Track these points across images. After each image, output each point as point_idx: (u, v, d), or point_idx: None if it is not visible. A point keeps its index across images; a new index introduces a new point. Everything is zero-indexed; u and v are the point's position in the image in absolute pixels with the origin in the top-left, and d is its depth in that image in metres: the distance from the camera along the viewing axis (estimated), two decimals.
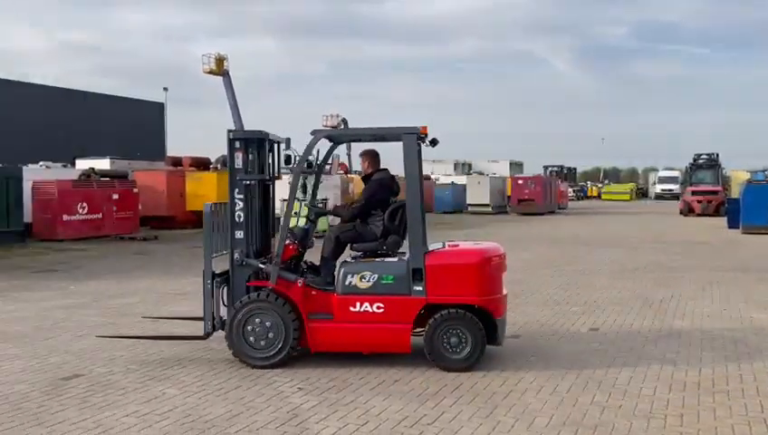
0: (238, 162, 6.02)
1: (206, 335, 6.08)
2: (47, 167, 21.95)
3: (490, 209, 33.27)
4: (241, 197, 6.00)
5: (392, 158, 6.60)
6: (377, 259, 5.94)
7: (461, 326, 5.65)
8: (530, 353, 6.29)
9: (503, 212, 34.35)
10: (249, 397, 5.04)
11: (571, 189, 53.42)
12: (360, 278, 5.74)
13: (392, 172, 6.60)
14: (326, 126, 51.02)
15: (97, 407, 4.81)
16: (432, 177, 42.47)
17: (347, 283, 5.76)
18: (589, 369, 5.77)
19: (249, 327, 5.75)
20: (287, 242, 6.01)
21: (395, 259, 5.90)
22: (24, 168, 18.95)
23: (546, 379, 5.49)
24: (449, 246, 6.22)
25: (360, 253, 6.04)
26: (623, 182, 74.02)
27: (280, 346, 5.72)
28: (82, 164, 24.46)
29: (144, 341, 6.52)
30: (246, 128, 34.85)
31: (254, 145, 6.11)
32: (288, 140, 6.10)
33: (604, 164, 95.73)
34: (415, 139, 5.90)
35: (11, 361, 6.03)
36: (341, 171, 33.89)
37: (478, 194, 33.70)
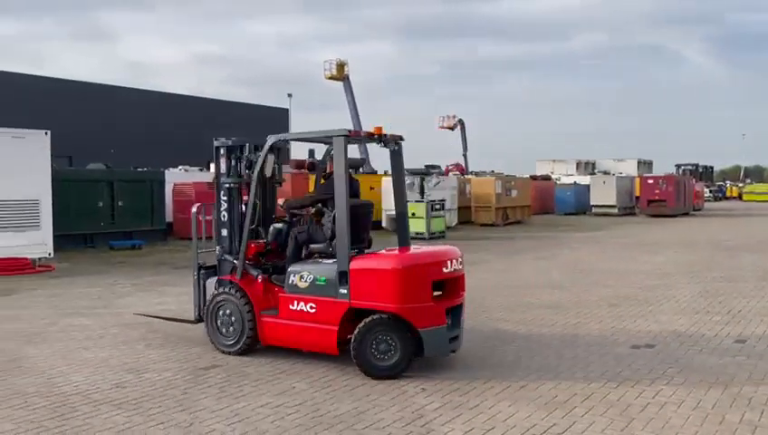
0: (222, 168, 6.60)
1: (196, 321, 6.73)
2: (185, 170, 23.67)
3: (616, 211, 31.65)
4: (225, 198, 6.57)
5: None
6: (321, 261, 5.98)
7: (391, 333, 5.46)
8: (666, 365, 5.88)
9: (630, 214, 32.56)
10: (374, 395, 5.11)
11: (707, 189, 49.69)
12: (300, 278, 5.89)
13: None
14: (443, 127, 50.98)
15: (233, 397, 5.08)
16: (552, 177, 41.20)
17: (290, 282, 5.95)
18: (736, 384, 5.30)
19: (219, 316, 6.31)
20: (251, 240, 6.38)
21: (331, 262, 5.84)
22: (166, 171, 20.53)
23: (687, 393, 5.11)
24: (386, 250, 6.20)
25: (315, 253, 6.13)
26: (767, 181, 67.69)
27: (238, 336, 6.16)
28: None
29: None
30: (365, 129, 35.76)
31: (236, 151, 6.57)
32: (256, 147, 6.53)
33: (745, 162, 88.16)
34: (343, 141, 5.81)
35: (157, 350, 6.53)
36: (457, 172, 33.71)
37: (603, 194, 32.16)
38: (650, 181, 32.13)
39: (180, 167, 24.80)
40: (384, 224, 22.44)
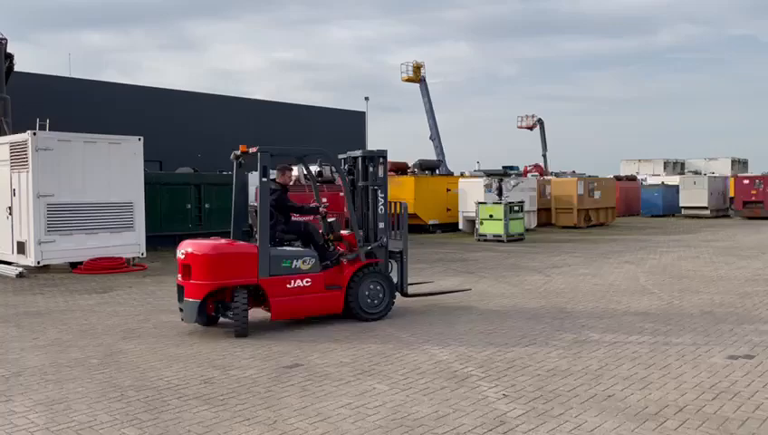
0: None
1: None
2: None
3: (708, 213, 30.03)
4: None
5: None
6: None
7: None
8: (767, 377, 5.50)
9: (724, 216, 30.82)
10: (454, 399, 5.05)
11: None
12: None
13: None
14: (522, 127, 50.07)
15: (315, 396, 5.16)
16: (638, 177, 39.58)
17: None
18: None
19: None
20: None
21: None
22: (249, 175, 21.16)
23: None
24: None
25: None
26: None
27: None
28: (296, 170, 26.69)
29: (351, 336, 7.08)
30: (440, 131, 35.51)
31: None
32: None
33: None
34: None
35: (242, 347, 6.73)
36: (536, 173, 32.96)
37: (694, 195, 30.58)
38: (746, 181, 30.28)
39: None
40: (461, 226, 22.28)
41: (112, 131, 15.70)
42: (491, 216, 19.29)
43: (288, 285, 7.45)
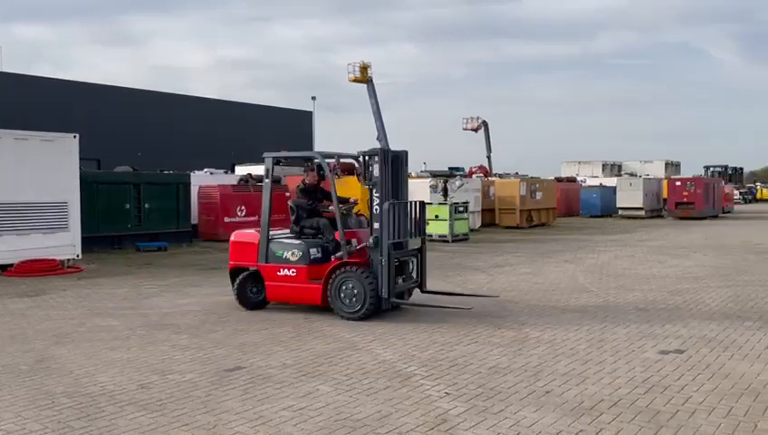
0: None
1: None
2: (210, 173, 23.87)
3: (643, 213, 31.16)
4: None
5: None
6: None
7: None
8: (696, 371, 5.75)
9: (658, 216, 32.07)
10: (397, 399, 5.07)
11: (736, 191, 48.70)
12: None
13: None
14: (467, 129, 50.77)
15: (257, 399, 5.09)
16: (578, 179, 40.73)
17: None
18: None
19: None
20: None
21: None
22: (192, 174, 20.75)
23: (718, 399, 4.99)
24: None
25: None
26: None
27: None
28: (241, 170, 26.32)
29: (296, 337, 7.03)
30: (387, 132, 35.63)
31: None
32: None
33: None
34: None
35: (182, 351, 6.58)
36: (481, 174, 33.49)
37: (630, 197, 31.68)
38: (678, 183, 31.58)
39: (206, 169, 25.03)
40: None
41: (46, 128, 15.09)
42: (436, 216, 19.47)
43: (278, 273, 8.36)
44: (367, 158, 8.08)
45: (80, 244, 13.22)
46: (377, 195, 7.95)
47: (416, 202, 8.57)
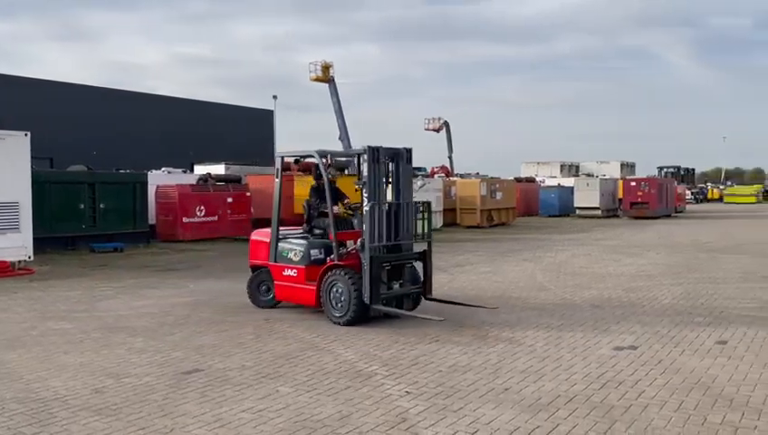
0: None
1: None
2: (169, 172, 23.45)
3: (599, 213, 31.87)
4: None
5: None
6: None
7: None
8: (649, 366, 5.92)
9: (614, 216, 32.83)
10: (358, 398, 5.08)
11: (688, 192, 50.22)
12: None
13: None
14: (428, 129, 51.06)
15: (215, 401, 5.03)
16: (537, 179, 41.42)
17: None
18: (717, 385, 5.34)
19: None
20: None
21: None
22: (149, 173, 20.35)
23: (669, 394, 5.14)
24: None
25: None
26: (748, 183, 68.52)
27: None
28: (200, 169, 25.92)
29: (255, 339, 6.95)
30: (349, 132, 35.60)
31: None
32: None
33: (726, 164, 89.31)
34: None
35: (138, 354, 6.45)
36: (443, 174, 33.75)
37: (587, 197, 32.36)
38: (633, 184, 32.40)
39: (164, 169, 24.58)
40: None
41: None
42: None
43: (283, 273, 8.28)
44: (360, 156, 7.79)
45: (31, 245, 12.80)
46: (365, 195, 7.50)
47: (421, 203, 8.19)
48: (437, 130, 49.94)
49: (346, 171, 25.95)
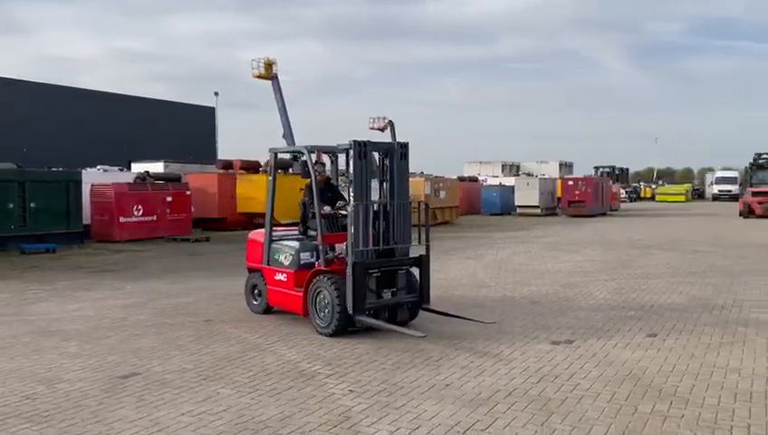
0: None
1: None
2: (104, 170, 22.70)
3: (539, 211, 32.71)
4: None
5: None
6: None
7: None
8: (584, 359, 6.12)
9: (552, 214, 33.74)
10: (301, 398, 5.06)
11: (623, 191, 52.09)
12: None
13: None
14: (373, 128, 51.19)
15: (153, 405, 4.91)
16: (479, 178, 42.13)
17: None
18: (648, 376, 5.58)
19: None
20: None
21: None
22: (83, 171, 19.64)
23: (603, 386, 5.33)
24: None
25: None
26: (678, 183, 71.68)
27: None
28: (138, 167, 25.20)
29: (196, 341, 6.80)
30: (294, 130, 35.30)
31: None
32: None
33: (658, 164, 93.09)
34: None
35: (72, 359, 6.22)
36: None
37: (527, 196, 33.16)
38: (570, 183, 33.39)
39: (99, 167, 23.76)
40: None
41: None
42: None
43: (275, 277, 7.83)
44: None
45: None
46: (352, 195, 6.85)
47: (418, 203, 7.57)
48: (382, 130, 49.97)
49: (290, 170, 25.75)
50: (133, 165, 26.55)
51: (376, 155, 7.40)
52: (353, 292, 6.67)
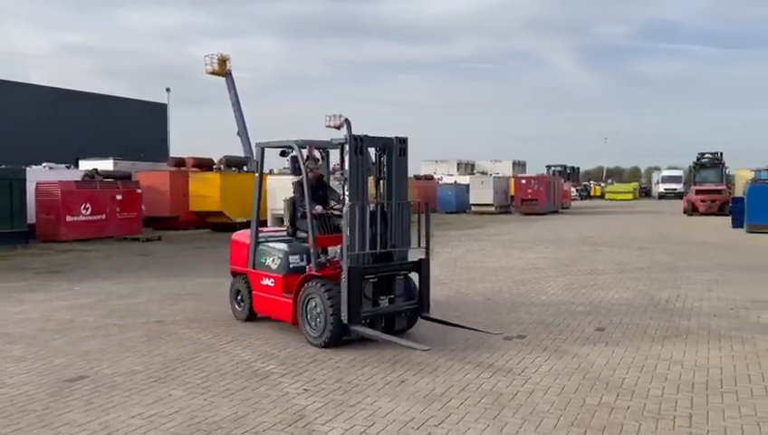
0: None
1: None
2: (50, 168, 21.93)
3: (493, 209, 33.21)
4: None
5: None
6: None
7: None
8: (535, 354, 6.26)
9: (506, 212, 34.30)
10: (255, 398, 5.02)
11: (574, 189, 53.34)
12: None
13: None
14: (329, 126, 51.09)
15: (102, 409, 4.80)
16: (435, 176, 42.48)
17: None
18: (596, 369, 5.74)
19: None
20: None
21: None
22: (28, 169, 18.96)
23: (553, 380, 5.46)
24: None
25: None
26: (626, 181, 73.79)
27: None
28: (86, 165, 24.47)
29: (146, 342, 6.66)
30: (248, 128, 34.87)
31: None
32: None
33: (607, 163, 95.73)
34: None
35: (16, 362, 6.02)
36: (342, 171, 33.87)
37: (481, 194, 33.63)
38: (524, 181, 34.02)
39: (45, 164, 22.94)
40: (270, 224, 22.10)
41: None
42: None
43: (261, 281, 7.29)
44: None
45: None
46: (347, 194, 6.48)
47: (418, 203, 7.05)
48: (338, 128, 49.67)
49: (245, 168, 25.44)
50: (81, 163, 25.78)
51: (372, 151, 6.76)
52: (348, 299, 6.15)
